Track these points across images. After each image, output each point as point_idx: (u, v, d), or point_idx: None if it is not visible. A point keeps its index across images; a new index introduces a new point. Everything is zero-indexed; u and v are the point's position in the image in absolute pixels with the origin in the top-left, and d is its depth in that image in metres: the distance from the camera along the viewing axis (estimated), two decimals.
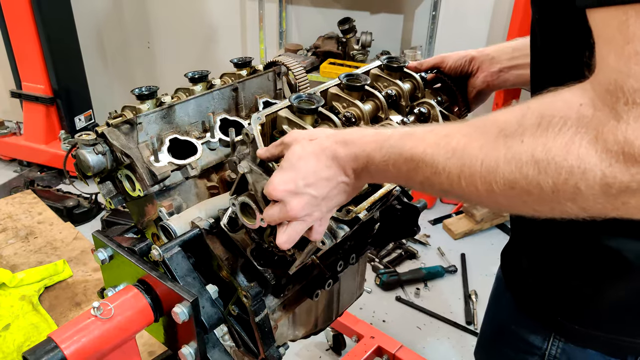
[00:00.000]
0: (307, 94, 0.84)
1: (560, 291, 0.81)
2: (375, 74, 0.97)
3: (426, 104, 0.93)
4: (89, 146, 1.07)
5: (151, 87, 1.13)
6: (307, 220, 0.73)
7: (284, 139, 0.76)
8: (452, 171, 0.59)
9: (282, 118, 0.84)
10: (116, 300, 0.97)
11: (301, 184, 0.70)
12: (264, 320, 1.05)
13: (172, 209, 1.11)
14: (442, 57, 1.07)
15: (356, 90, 0.88)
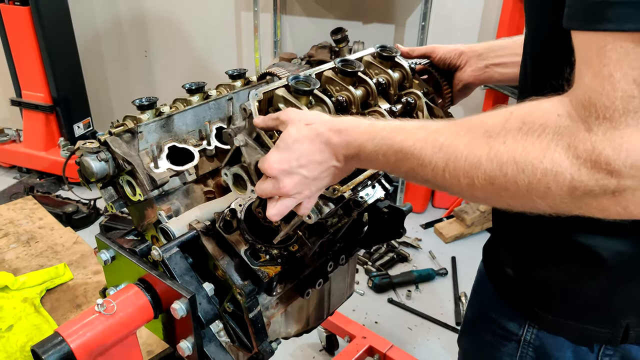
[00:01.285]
0: (305, 76, 0.88)
1: (535, 282, 0.87)
2: (368, 61, 1.01)
3: (413, 94, 0.98)
4: (93, 154, 1.14)
5: (151, 98, 1.21)
6: (297, 197, 0.80)
7: (280, 115, 0.80)
8: (438, 164, 0.64)
9: (279, 97, 0.88)
10: (118, 298, 1.04)
11: (295, 164, 0.76)
12: (257, 317, 1.11)
13: (170, 212, 1.18)
14: (433, 48, 1.11)
15: (349, 76, 0.92)
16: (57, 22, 3.22)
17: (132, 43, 3.76)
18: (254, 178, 0.86)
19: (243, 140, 0.83)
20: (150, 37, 3.73)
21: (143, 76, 3.68)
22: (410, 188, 3.19)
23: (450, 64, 1.10)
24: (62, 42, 3.29)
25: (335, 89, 0.92)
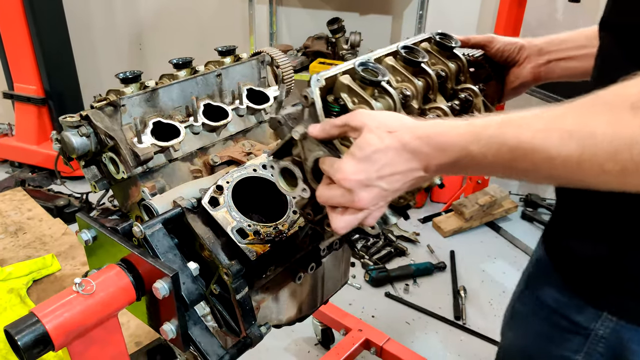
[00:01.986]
0: (374, 64, 0.78)
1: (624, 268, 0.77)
2: (425, 49, 0.92)
3: (469, 90, 0.90)
4: (73, 128, 1.09)
5: (135, 72, 1.16)
6: (370, 210, 0.70)
7: (349, 121, 0.69)
8: (571, 154, 0.56)
9: (343, 85, 0.77)
10: (98, 278, 0.99)
11: (374, 176, 0.67)
12: (244, 298, 1.06)
13: (155, 190, 1.13)
14: (492, 38, 1.02)
15: (413, 66, 0.84)
16: (49, 14, 3.18)
17: (126, 35, 3.72)
18: (308, 176, 0.76)
19: (302, 134, 0.72)
20: (144, 29, 3.69)
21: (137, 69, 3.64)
22: None
23: (508, 58, 1.00)
24: (54, 34, 3.25)
25: (396, 78, 0.83)
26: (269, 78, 1.42)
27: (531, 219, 3.23)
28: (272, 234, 1.05)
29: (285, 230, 1.07)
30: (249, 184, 1.13)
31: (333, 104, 0.77)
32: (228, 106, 1.27)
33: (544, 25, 3.01)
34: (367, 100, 0.76)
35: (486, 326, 2.43)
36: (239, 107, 1.29)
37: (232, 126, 1.28)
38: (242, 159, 1.23)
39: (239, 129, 1.30)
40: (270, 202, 1.16)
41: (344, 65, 0.80)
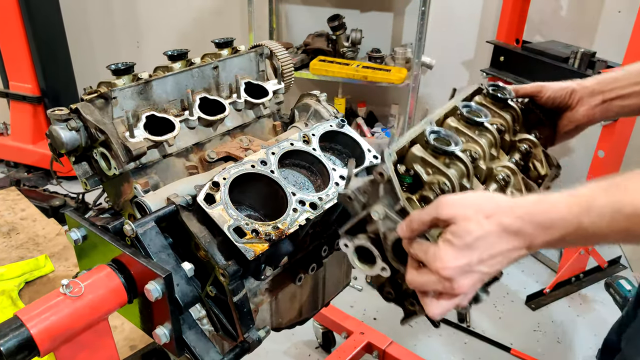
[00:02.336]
0: (445, 132, 0.78)
1: None
2: (480, 102, 0.91)
3: (528, 141, 0.89)
4: (62, 122, 1.04)
5: (128, 63, 1.11)
6: (468, 293, 0.69)
7: (439, 214, 0.66)
8: None
9: (416, 157, 0.76)
10: (87, 279, 0.93)
11: (475, 261, 0.65)
12: (242, 301, 1.01)
13: (148, 186, 1.08)
14: (541, 87, 1.01)
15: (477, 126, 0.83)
16: (45, 11, 3.13)
17: (124, 32, 3.67)
18: (388, 255, 0.73)
19: (382, 213, 0.70)
20: (142, 26, 3.64)
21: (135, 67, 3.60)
22: None
23: (560, 103, 0.99)
24: (50, 31, 3.20)
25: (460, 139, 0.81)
26: (267, 71, 1.37)
27: None
28: (271, 233, 1.00)
29: (285, 229, 1.02)
30: (246, 180, 1.08)
31: (405, 174, 0.77)
32: (225, 100, 1.22)
33: (547, 22, 2.96)
34: (443, 172, 0.74)
35: (491, 329, 2.38)
36: (237, 101, 1.24)
37: (229, 121, 1.23)
38: (240, 155, 1.18)
39: (237, 123, 1.25)
40: (269, 200, 1.11)
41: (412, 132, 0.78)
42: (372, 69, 2.90)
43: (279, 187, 1.08)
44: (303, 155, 1.19)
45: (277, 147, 1.14)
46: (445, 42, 3.11)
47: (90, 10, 3.71)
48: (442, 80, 3.26)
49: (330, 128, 1.26)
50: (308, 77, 2.98)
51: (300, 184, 1.18)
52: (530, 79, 2.53)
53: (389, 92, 3.35)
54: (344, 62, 2.97)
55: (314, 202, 1.08)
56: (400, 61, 3.02)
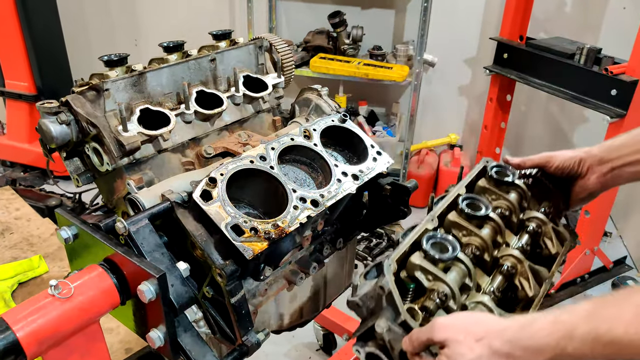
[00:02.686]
0: (442, 236, 0.80)
1: None
2: (483, 187, 0.92)
3: (536, 220, 0.88)
4: (52, 115, 0.99)
5: (121, 54, 1.06)
6: None
7: (433, 337, 0.71)
8: None
9: (415, 265, 0.79)
10: (77, 280, 0.89)
11: None
12: (240, 302, 0.96)
13: (142, 183, 1.03)
14: (548, 157, 1.01)
15: (478, 219, 0.83)
16: (42, 8, 3.09)
17: (122, 30, 3.63)
18: None
19: (386, 326, 0.75)
20: (140, 24, 3.59)
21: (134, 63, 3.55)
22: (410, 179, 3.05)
23: (569, 173, 0.99)
24: (46, 29, 3.15)
25: (461, 233, 0.83)
26: (267, 65, 1.32)
27: None
28: (270, 231, 0.95)
29: (286, 227, 0.97)
30: (245, 176, 1.04)
31: (408, 281, 0.80)
32: (223, 94, 1.17)
33: (551, 18, 2.92)
34: (441, 279, 0.76)
35: None
36: (235, 95, 1.19)
37: (227, 115, 1.18)
38: (238, 151, 1.13)
39: (235, 118, 1.20)
40: (269, 197, 1.07)
41: (411, 237, 0.80)
42: (374, 67, 2.85)
43: (278, 183, 1.04)
44: (304, 150, 1.14)
45: (277, 142, 1.09)
46: (447, 39, 3.07)
47: (87, 7, 3.67)
48: (444, 78, 3.22)
49: (332, 123, 1.21)
50: (308, 75, 2.94)
51: (301, 180, 1.14)
52: (535, 75, 2.49)
53: (390, 90, 3.31)
54: (344, 59, 2.93)
55: (315, 200, 1.04)
56: (402, 59, 2.98)
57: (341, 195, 1.08)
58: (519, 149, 3.37)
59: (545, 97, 3.06)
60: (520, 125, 3.25)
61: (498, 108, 2.86)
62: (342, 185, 1.09)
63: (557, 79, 2.36)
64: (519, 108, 3.17)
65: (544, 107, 3.17)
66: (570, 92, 2.32)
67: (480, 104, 3.21)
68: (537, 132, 3.26)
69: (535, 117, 3.22)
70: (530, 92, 3.02)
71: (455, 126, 3.38)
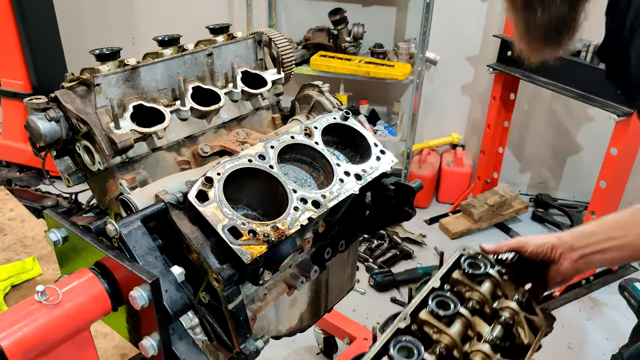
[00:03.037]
0: (408, 339, 0.79)
1: None
2: (456, 279, 0.92)
3: (509, 309, 0.88)
4: (40, 111, 0.94)
5: (113, 48, 1.01)
6: None
7: None
8: None
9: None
10: (67, 285, 0.85)
11: None
12: (238, 308, 0.92)
13: (135, 183, 0.99)
14: (522, 243, 1.02)
15: (447, 317, 0.84)
16: (37, 5, 3.04)
17: (119, 29, 3.58)
18: None
19: None
20: (137, 22, 3.54)
21: None
22: (411, 179, 3.00)
23: (543, 258, 1.02)
24: (43, 26, 3.10)
25: (431, 330, 0.82)
26: (266, 60, 1.27)
27: (542, 220, 3.09)
28: (270, 233, 0.91)
29: (286, 229, 0.93)
30: (243, 176, 0.99)
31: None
32: (220, 90, 1.13)
33: None
34: None
35: None
36: (233, 91, 1.14)
37: (224, 112, 1.14)
38: (236, 149, 1.09)
39: (233, 115, 1.16)
40: (268, 198, 1.02)
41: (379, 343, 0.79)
42: (375, 65, 2.80)
43: (278, 183, 0.99)
44: (305, 149, 1.10)
45: (277, 141, 1.04)
46: (449, 37, 3.02)
47: (84, 4, 3.62)
48: (446, 76, 3.17)
49: (334, 121, 1.17)
50: (308, 73, 2.89)
51: (301, 180, 1.09)
52: (539, 74, 2.44)
53: (392, 89, 3.26)
54: (345, 57, 2.88)
55: (316, 200, 0.99)
56: (403, 57, 2.93)
57: (344, 196, 1.04)
58: (522, 148, 3.32)
59: (549, 95, 3.02)
60: (523, 124, 3.20)
61: (501, 107, 2.82)
62: (345, 186, 1.05)
63: (563, 77, 2.31)
64: (522, 106, 3.12)
65: (547, 105, 3.12)
66: (576, 90, 2.27)
67: (483, 103, 3.16)
68: (541, 131, 3.21)
69: (539, 116, 3.17)
70: (533, 90, 2.97)
71: (458, 125, 3.33)
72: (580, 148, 3.17)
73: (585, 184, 3.18)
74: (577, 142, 3.16)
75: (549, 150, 3.26)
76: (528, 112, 3.18)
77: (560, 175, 3.31)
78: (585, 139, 3.13)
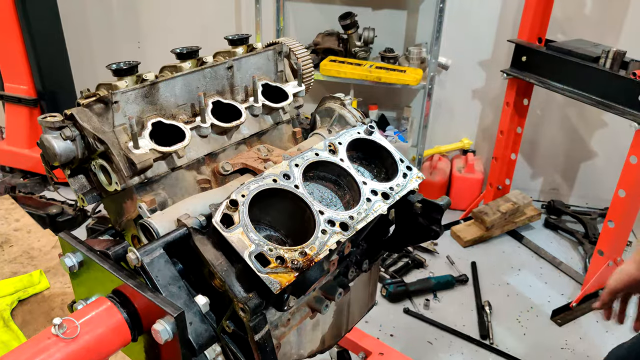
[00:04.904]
0: None
1: None
2: None
3: None
4: (55, 130, 0.89)
5: (131, 62, 0.96)
6: None
7: None
8: None
9: None
10: (84, 316, 0.80)
11: None
12: (265, 339, 0.87)
13: (154, 205, 0.93)
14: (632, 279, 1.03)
15: None
16: (42, 9, 2.99)
17: (124, 32, 3.53)
18: None
19: None
20: (143, 26, 3.50)
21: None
22: (422, 186, 2.95)
23: None
24: (47, 31, 3.06)
25: None
26: (286, 72, 1.22)
27: (555, 227, 3.04)
28: (298, 260, 0.85)
29: (314, 255, 0.87)
30: (267, 196, 0.94)
31: None
32: (241, 104, 1.08)
33: (571, 19, 2.82)
34: None
35: (515, 346, 2.23)
36: (254, 106, 1.09)
37: (245, 128, 1.09)
38: (258, 167, 1.04)
39: (254, 131, 1.11)
40: (292, 218, 0.97)
41: None
42: (386, 70, 2.76)
43: (304, 204, 0.94)
44: (329, 167, 1.05)
45: (301, 158, 0.99)
46: (461, 41, 2.97)
47: (89, 8, 3.57)
48: (457, 81, 3.12)
49: (358, 135, 1.11)
50: (318, 79, 2.84)
51: (327, 200, 1.04)
52: (555, 79, 2.39)
53: (402, 94, 3.21)
54: (356, 62, 2.83)
55: (344, 222, 0.94)
56: (414, 61, 2.88)
57: (372, 217, 0.99)
58: (534, 154, 3.27)
59: (562, 101, 2.97)
60: (535, 129, 3.15)
61: (514, 112, 2.77)
62: (373, 206, 1.00)
63: (580, 84, 2.26)
64: (534, 112, 3.07)
65: (561, 111, 3.07)
66: (594, 97, 2.22)
67: (494, 108, 3.11)
68: (553, 137, 3.16)
69: (552, 122, 3.12)
70: (546, 95, 2.92)
71: (469, 131, 3.28)
72: (594, 154, 3.12)
73: (598, 191, 3.14)
74: (591, 147, 3.11)
75: (562, 155, 3.21)
76: (541, 117, 3.13)
77: (573, 182, 3.26)
78: (599, 144, 3.08)
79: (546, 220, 3.08)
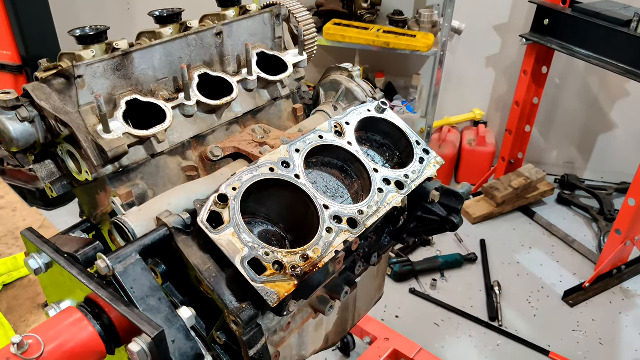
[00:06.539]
0: None
1: None
2: None
3: None
4: (9, 110, 0.75)
5: (99, 27, 0.80)
6: None
7: None
8: None
9: None
10: (49, 331, 0.68)
11: None
12: (261, 353, 0.76)
13: (131, 198, 0.80)
14: None
15: None
16: None
17: None
18: None
19: None
20: None
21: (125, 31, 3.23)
22: None
23: None
24: None
25: None
26: (285, 38, 1.06)
27: (569, 202, 2.91)
28: (299, 265, 0.73)
29: (317, 259, 0.75)
30: (263, 187, 0.80)
31: None
32: (232, 77, 0.92)
33: None
34: None
35: (525, 328, 2.15)
36: (248, 79, 0.94)
37: (237, 105, 0.94)
38: (253, 152, 0.90)
39: (247, 108, 0.96)
40: (293, 211, 0.84)
41: None
42: (395, 35, 2.55)
43: (306, 197, 0.81)
44: (335, 151, 0.91)
45: (302, 142, 0.85)
46: (476, 3, 2.75)
47: None
48: (469, 47, 2.92)
49: (368, 114, 0.97)
50: (321, 44, 2.64)
51: (332, 190, 0.91)
52: (580, 45, 2.19)
53: (411, 61, 3.01)
54: (362, 26, 2.63)
55: (353, 219, 0.81)
56: (425, 25, 2.67)
57: (384, 211, 0.85)
58: (549, 126, 3.10)
59: (584, 68, 2.77)
60: (553, 99, 2.97)
61: (532, 82, 2.58)
62: (385, 197, 0.86)
63: (608, 50, 2.07)
64: (552, 81, 2.88)
65: (581, 79, 2.88)
66: (622, 65, 2.04)
67: (509, 77, 2.92)
68: (571, 108, 2.98)
69: (571, 91, 2.94)
70: (567, 62, 2.73)
71: (480, 101, 3.10)
72: (613, 125, 2.95)
73: (616, 164, 2.99)
74: (610, 118, 2.94)
75: (579, 127, 3.04)
76: (559, 86, 2.94)
77: (589, 155, 3.10)
78: (619, 115, 2.90)
79: (559, 196, 2.95)
